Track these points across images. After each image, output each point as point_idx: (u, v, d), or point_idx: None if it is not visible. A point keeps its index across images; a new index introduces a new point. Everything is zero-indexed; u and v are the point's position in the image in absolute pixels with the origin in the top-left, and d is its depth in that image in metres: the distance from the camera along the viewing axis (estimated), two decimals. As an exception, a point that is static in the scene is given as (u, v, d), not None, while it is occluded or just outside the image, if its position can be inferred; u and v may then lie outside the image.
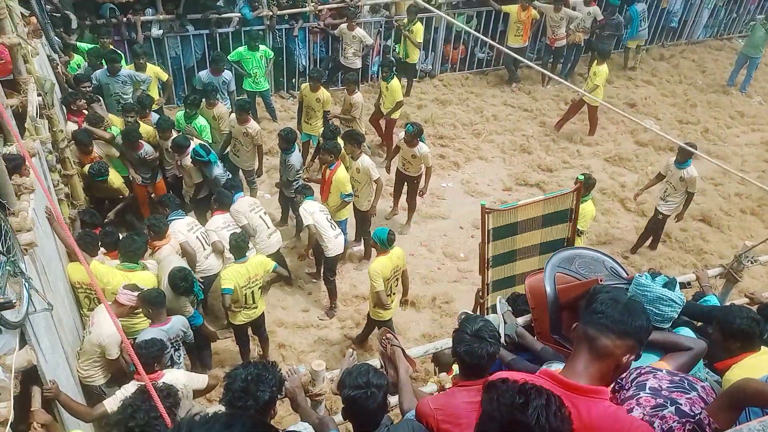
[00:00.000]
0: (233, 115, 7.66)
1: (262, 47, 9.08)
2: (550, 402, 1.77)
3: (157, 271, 5.48)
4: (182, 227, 6.01)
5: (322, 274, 7.01)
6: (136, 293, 4.66)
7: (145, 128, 7.27)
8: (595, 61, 10.03)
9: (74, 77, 7.10)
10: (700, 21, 13.79)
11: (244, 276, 5.54)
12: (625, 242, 8.18)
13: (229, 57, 9.03)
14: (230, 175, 7.12)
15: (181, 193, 7.56)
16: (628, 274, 3.67)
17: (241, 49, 9.13)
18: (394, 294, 6.09)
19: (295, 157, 7.26)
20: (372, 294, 5.90)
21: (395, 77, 8.96)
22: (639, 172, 9.54)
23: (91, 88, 7.33)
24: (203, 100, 7.88)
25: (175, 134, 7.16)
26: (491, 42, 5.11)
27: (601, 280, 3.42)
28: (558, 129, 10.41)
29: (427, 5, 8.28)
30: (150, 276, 5.25)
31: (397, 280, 6.06)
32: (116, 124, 7.28)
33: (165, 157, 7.40)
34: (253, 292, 5.67)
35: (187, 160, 6.97)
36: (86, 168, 6.55)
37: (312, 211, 6.55)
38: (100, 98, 7.44)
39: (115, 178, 6.82)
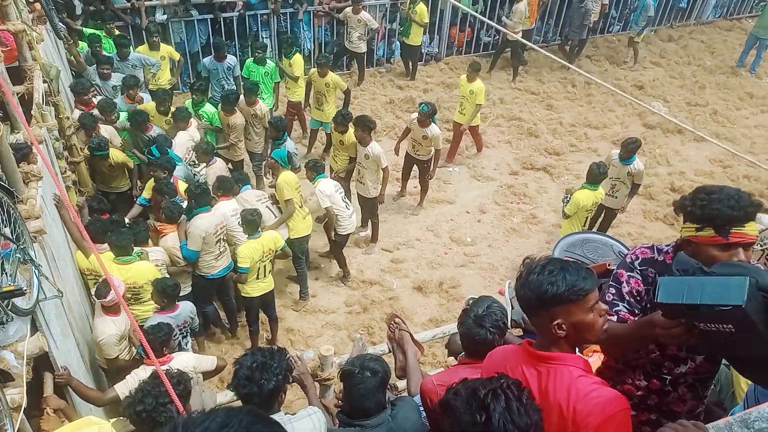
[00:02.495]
0: (241, 97, 7.60)
1: (269, 63, 8.56)
2: (510, 400, 1.76)
3: (163, 257, 5.50)
4: (251, 198, 6.22)
5: (331, 249, 7.05)
6: (110, 292, 4.50)
7: (150, 106, 7.23)
8: (466, 76, 8.55)
9: (73, 89, 6.98)
10: (709, 1, 13.61)
11: (258, 251, 5.65)
12: (632, 225, 8.15)
13: (242, 73, 8.70)
14: (194, 175, 6.87)
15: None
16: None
17: (248, 61, 8.64)
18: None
19: (290, 146, 7.10)
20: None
21: (297, 52, 8.83)
22: (647, 154, 9.48)
23: (92, 94, 7.08)
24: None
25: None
26: (497, 26, 5.07)
27: (609, 265, 3.41)
28: (450, 159, 9.11)
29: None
30: (147, 268, 5.17)
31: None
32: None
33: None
34: (265, 266, 5.80)
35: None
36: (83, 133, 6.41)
37: (329, 193, 6.51)
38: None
39: (116, 154, 6.59)
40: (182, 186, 6.16)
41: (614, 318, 2.32)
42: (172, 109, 7.22)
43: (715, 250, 2.15)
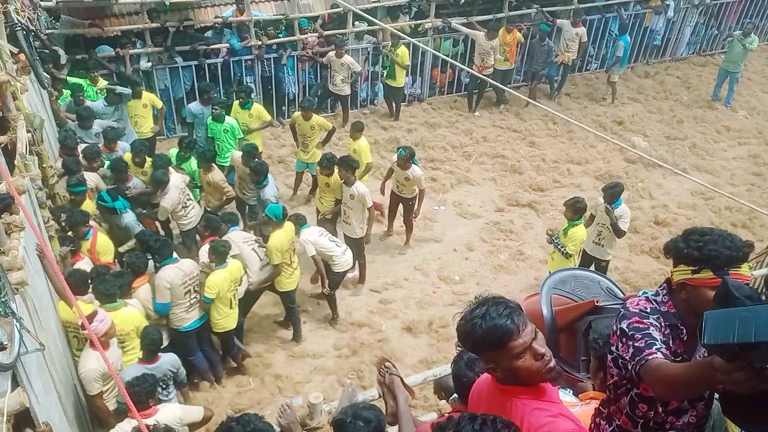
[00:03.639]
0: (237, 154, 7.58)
1: (228, 120, 8.15)
2: (485, 422, 1.76)
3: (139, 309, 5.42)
4: (237, 239, 6.19)
5: (323, 290, 6.97)
6: (100, 322, 4.50)
7: (128, 157, 7.19)
8: (350, 135, 8.27)
9: (62, 142, 6.96)
10: (682, 38, 14.00)
11: (227, 280, 5.73)
12: (618, 260, 8.18)
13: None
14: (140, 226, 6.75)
15: (170, 228, 7.53)
16: (624, 294, 3.66)
17: (208, 119, 8.26)
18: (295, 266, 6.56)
19: (270, 191, 7.10)
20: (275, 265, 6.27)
21: (253, 102, 8.79)
22: (630, 188, 9.58)
23: (98, 162, 7.01)
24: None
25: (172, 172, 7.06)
26: (474, 72, 5.17)
27: (597, 302, 3.42)
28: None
29: (406, 37, 8.41)
30: (134, 314, 5.12)
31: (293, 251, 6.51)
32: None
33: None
34: (234, 295, 5.89)
35: (166, 200, 6.89)
36: (64, 181, 6.35)
37: (313, 240, 6.56)
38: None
39: (88, 206, 6.41)
40: (100, 242, 6.02)
41: (658, 356, 2.12)
42: (149, 160, 7.24)
43: (712, 293, 2.12)
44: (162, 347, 5.33)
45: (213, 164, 7.36)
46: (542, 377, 2.10)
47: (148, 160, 7.26)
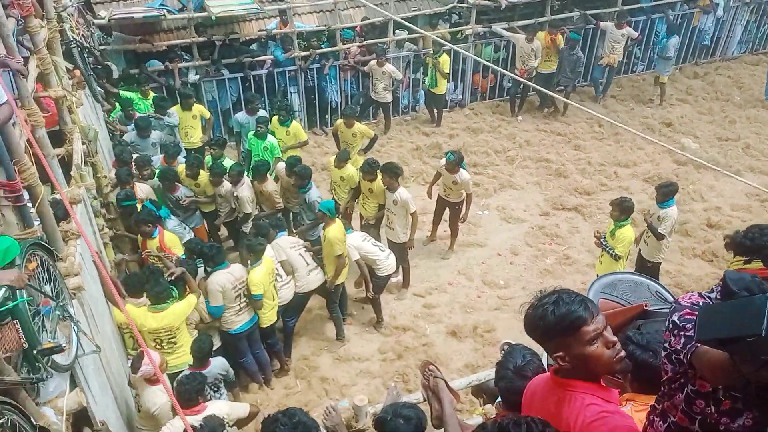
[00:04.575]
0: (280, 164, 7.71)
1: (270, 138, 8.26)
2: (531, 427, 1.75)
3: (193, 316, 5.61)
4: (285, 244, 6.36)
5: (368, 294, 6.93)
6: (147, 365, 4.50)
7: (203, 176, 7.40)
8: (335, 164, 7.81)
9: (117, 157, 7.22)
10: (733, 37, 13.60)
11: (267, 274, 5.91)
12: (670, 263, 7.95)
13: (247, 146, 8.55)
14: (188, 230, 7.10)
15: (218, 236, 7.70)
16: (674, 297, 3.56)
17: (249, 135, 8.35)
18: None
19: (315, 193, 7.24)
20: (335, 259, 6.37)
21: (293, 119, 8.83)
22: (681, 191, 9.29)
23: (148, 170, 7.28)
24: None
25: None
26: (514, 76, 5.13)
27: (646, 305, 3.33)
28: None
29: (446, 43, 8.42)
30: (181, 307, 5.30)
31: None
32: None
33: (217, 202, 7.49)
34: (274, 286, 6.11)
35: (243, 190, 7.13)
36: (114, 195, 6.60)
37: (356, 245, 6.62)
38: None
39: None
40: (168, 237, 6.26)
41: None
42: (203, 173, 7.43)
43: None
44: (214, 350, 5.48)
45: (267, 176, 7.48)
46: (612, 366, 2.08)
47: (203, 173, 7.43)
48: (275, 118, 8.68)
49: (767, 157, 10.36)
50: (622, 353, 2.09)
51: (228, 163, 7.67)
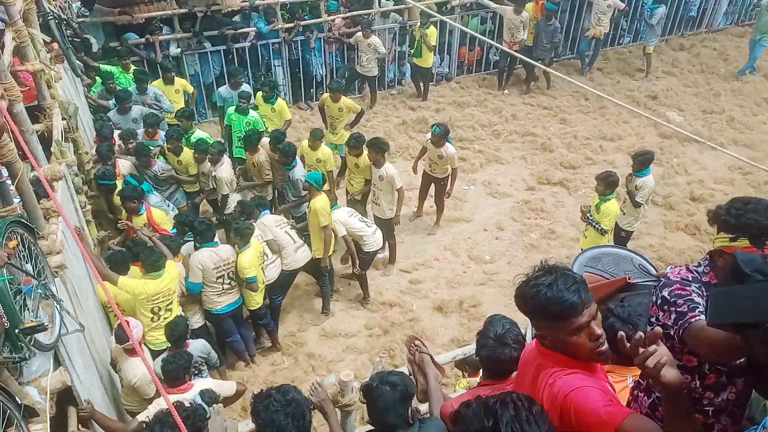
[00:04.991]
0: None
1: (252, 113, 8.07)
2: (519, 409, 1.76)
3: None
4: (270, 223, 6.32)
5: (354, 269, 6.93)
6: (135, 327, 4.61)
7: (187, 153, 7.26)
8: (308, 144, 7.58)
9: (98, 133, 7.05)
10: (719, 9, 13.57)
11: (256, 256, 5.86)
12: (653, 237, 8.04)
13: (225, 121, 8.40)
14: (172, 207, 7.03)
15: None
16: (657, 270, 3.60)
17: (230, 109, 8.17)
18: None
19: (299, 170, 7.10)
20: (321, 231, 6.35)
21: (278, 96, 8.67)
22: (665, 165, 9.38)
23: (133, 144, 7.14)
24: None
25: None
26: (502, 48, 5.09)
27: (629, 278, 3.37)
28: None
29: (434, 13, 8.29)
30: (173, 267, 5.39)
31: None
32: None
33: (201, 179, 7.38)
34: (263, 268, 6.09)
35: (222, 171, 6.99)
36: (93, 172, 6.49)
37: (343, 220, 6.59)
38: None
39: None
40: (156, 213, 6.23)
41: (702, 318, 2.11)
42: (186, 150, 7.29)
43: None
44: (197, 328, 5.47)
45: (259, 146, 7.34)
46: (590, 357, 2.09)
47: (187, 151, 7.27)
48: (259, 93, 8.54)
49: (751, 130, 10.43)
50: (605, 346, 2.08)
51: (199, 134, 7.56)
